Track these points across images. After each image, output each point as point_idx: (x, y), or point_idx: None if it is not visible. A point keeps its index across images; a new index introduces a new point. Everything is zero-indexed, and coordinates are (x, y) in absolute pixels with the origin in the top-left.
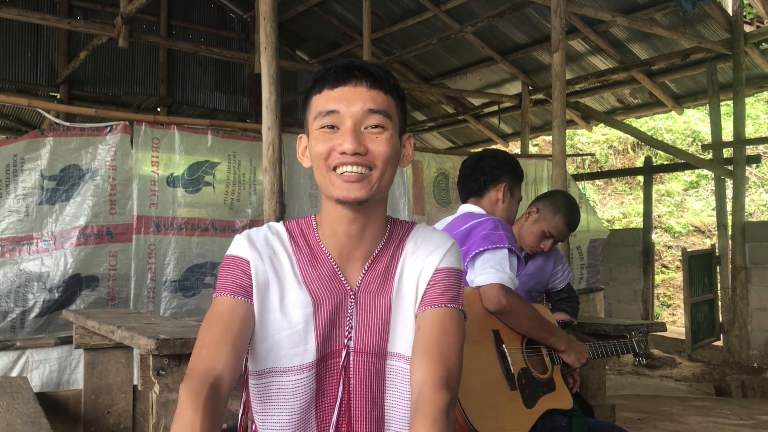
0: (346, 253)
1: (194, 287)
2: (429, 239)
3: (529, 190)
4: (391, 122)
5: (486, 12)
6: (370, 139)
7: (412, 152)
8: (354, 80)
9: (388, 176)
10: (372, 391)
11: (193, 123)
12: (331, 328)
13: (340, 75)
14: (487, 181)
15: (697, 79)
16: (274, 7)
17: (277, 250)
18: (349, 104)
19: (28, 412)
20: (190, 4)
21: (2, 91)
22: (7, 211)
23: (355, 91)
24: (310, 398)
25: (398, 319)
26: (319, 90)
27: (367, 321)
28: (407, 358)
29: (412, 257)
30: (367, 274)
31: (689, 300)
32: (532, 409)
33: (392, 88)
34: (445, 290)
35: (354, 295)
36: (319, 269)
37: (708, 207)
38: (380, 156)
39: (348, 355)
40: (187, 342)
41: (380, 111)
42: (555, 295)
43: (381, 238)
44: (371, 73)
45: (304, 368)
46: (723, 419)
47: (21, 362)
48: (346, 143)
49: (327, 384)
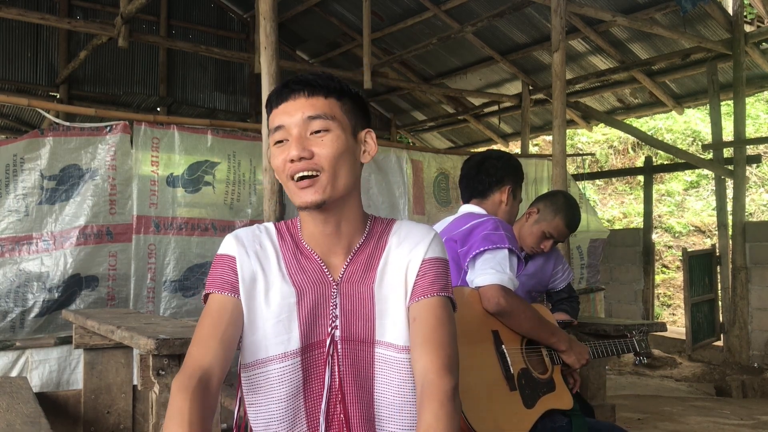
0: (327, 250)
1: (194, 287)
2: (412, 232)
3: (529, 190)
4: (335, 122)
5: (486, 12)
6: (315, 143)
7: (374, 146)
8: (293, 94)
9: (343, 175)
10: (361, 377)
11: (193, 123)
12: (315, 318)
13: (281, 92)
14: (492, 182)
15: (697, 78)
16: (274, 7)
17: (264, 245)
18: (291, 116)
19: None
20: (189, 3)
21: (2, 90)
22: (6, 210)
23: (295, 103)
24: (296, 386)
25: (384, 308)
26: (269, 111)
27: (352, 309)
28: (396, 346)
29: (397, 250)
30: (350, 266)
31: (689, 300)
32: (531, 410)
33: (333, 91)
34: (435, 280)
35: (336, 285)
36: (304, 263)
37: (708, 207)
38: (326, 157)
39: (336, 343)
40: (187, 342)
41: (320, 115)
42: (555, 295)
43: (361, 233)
44: (309, 83)
45: (288, 356)
46: (723, 419)
47: (21, 362)
48: (292, 150)
49: (314, 372)
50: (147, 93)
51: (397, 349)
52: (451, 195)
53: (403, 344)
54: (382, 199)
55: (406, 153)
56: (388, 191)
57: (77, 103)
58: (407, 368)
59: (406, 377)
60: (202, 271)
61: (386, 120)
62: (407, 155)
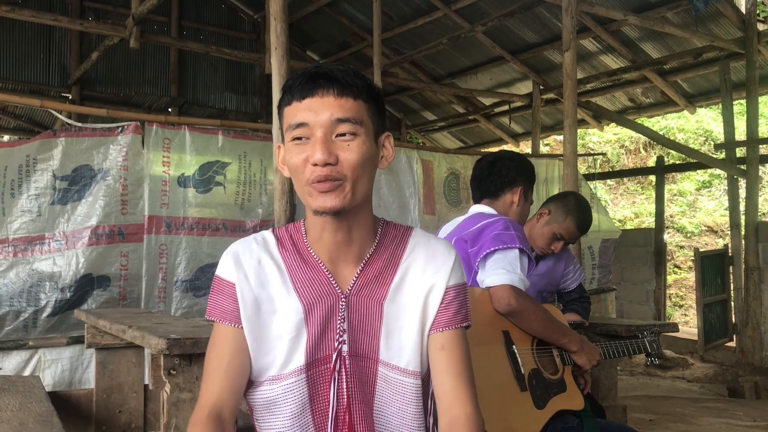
0: (336, 258)
1: (205, 287)
2: (432, 253)
3: (540, 190)
4: (363, 127)
5: (497, 11)
6: (341, 148)
7: (392, 152)
8: (321, 90)
9: (363, 182)
10: (365, 394)
11: (204, 123)
12: (323, 333)
13: (306, 85)
14: (504, 183)
15: (709, 77)
16: (285, 8)
17: (263, 262)
18: (317, 114)
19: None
20: (200, 4)
21: (15, 92)
22: (19, 211)
23: (322, 101)
24: (302, 403)
25: (392, 327)
26: (288, 101)
27: (359, 325)
28: (402, 369)
29: (417, 273)
30: (360, 278)
31: (702, 300)
32: (542, 410)
33: (362, 90)
34: (459, 309)
35: (345, 299)
36: (310, 273)
37: (721, 207)
38: (352, 164)
39: (343, 358)
40: (198, 341)
41: (349, 119)
42: (566, 296)
43: (372, 240)
44: (338, 80)
45: (293, 373)
46: (736, 421)
47: (33, 361)
48: (316, 154)
49: (321, 388)
50: (158, 93)
51: (402, 373)
52: (461, 195)
53: (412, 369)
54: (392, 199)
55: (417, 153)
56: (399, 191)
57: (89, 104)
58: (412, 392)
59: (409, 401)
60: (213, 271)
61: (396, 120)
62: (417, 155)
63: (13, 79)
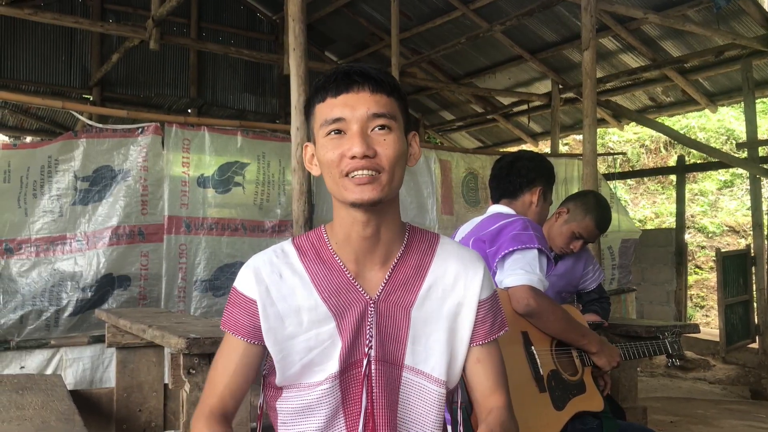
0: (363, 259)
1: (224, 287)
2: (462, 264)
3: (559, 189)
4: (396, 123)
5: (515, 10)
6: (378, 142)
7: (419, 150)
8: (356, 86)
9: (397, 177)
10: (391, 400)
11: (223, 124)
12: (355, 339)
13: (342, 82)
14: (523, 183)
15: (731, 76)
16: (303, 9)
17: (284, 275)
18: (354, 109)
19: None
20: (219, 6)
21: (37, 93)
22: (41, 211)
23: (358, 97)
24: (335, 408)
25: (419, 334)
26: (322, 98)
27: (387, 330)
28: (427, 375)
29: (447, 284)
30: (388, 284)
31: (723, 301)
32: (561, 411)
33: (393, 89)
34: (494, 320)
35: (374, 304)
36: (336, 281)
37: (743, 206)
38: (388, 157)
39: (371, 363)
40: (217, 341)
41: (385, 114)
42: (586, 296)
43: (399, 243)
44: (372, 78)
45: (328, 379)
46: (759, 423)
47: (55, 360)
48: (355, 147)
49: (352, 393)
50: (178, 95)
51: (427, 378)
52: (480, 195)
53: (437, 376)
54: (410, 199)
55: (435, 153)
56: (417, 191)
57: (110, 105)
58: (435, 400)
59: (430, 407)
60: (232, 271)
61: (414, 120)
62: (435, 155)
63: (36, 81)
